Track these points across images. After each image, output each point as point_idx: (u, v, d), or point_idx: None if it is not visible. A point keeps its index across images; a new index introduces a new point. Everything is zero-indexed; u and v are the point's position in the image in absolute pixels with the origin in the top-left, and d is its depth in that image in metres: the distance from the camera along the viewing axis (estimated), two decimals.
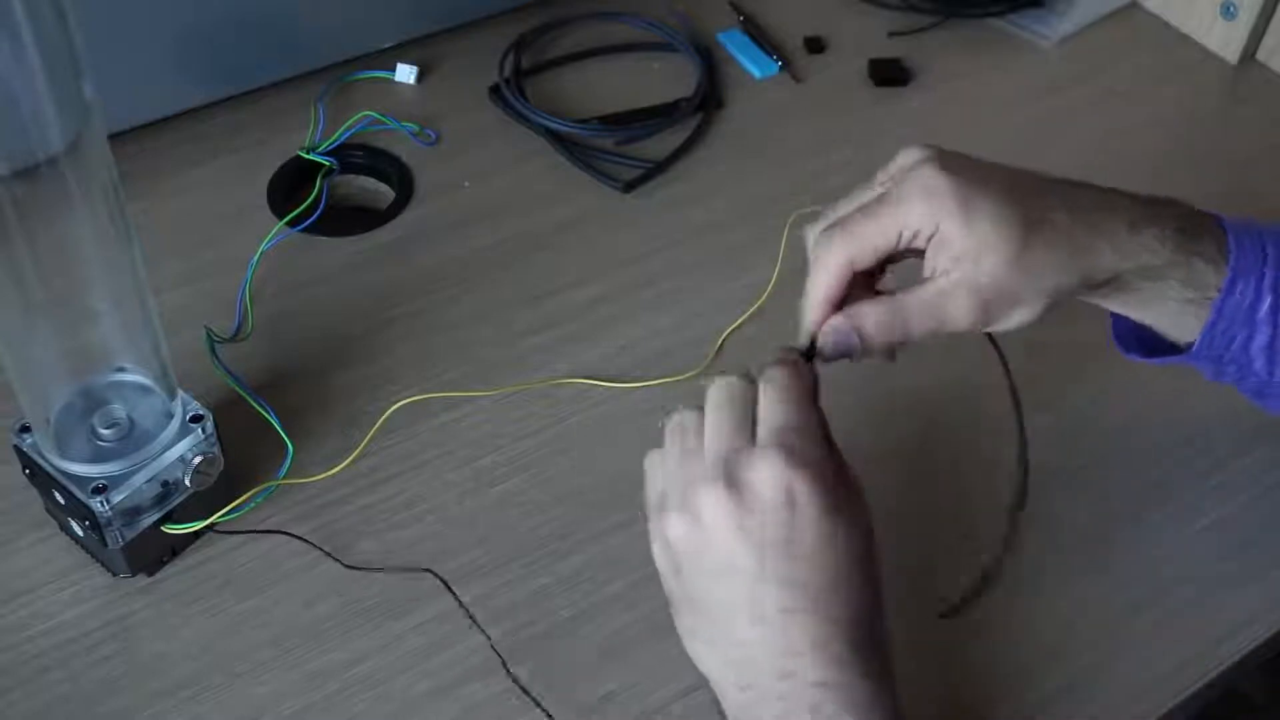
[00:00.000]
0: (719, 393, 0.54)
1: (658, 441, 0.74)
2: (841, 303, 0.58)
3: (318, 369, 0.75)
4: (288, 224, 0.81)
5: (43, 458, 0.62)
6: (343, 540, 0.67)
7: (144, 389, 0.64)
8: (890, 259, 0.59)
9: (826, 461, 0.52)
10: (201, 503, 0.65)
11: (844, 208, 0.59)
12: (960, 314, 0.57)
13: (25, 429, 0.62)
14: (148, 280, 0.60)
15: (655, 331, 0.78)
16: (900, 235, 0.57)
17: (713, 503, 0.51)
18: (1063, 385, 0.75)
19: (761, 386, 0.54)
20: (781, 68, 0.97)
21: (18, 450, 0.63)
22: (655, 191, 0.88)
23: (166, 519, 0.64)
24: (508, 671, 0.63)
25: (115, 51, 0.78)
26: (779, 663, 0.51)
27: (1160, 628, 0.66)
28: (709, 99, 0.93)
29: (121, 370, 0.64)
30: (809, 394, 0.54)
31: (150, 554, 0.65)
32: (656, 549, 0.54)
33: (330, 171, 0.86)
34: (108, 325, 0.61)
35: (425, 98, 0.93)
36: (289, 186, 0.86)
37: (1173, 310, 0.61)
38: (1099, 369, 0.75)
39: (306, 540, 0.66)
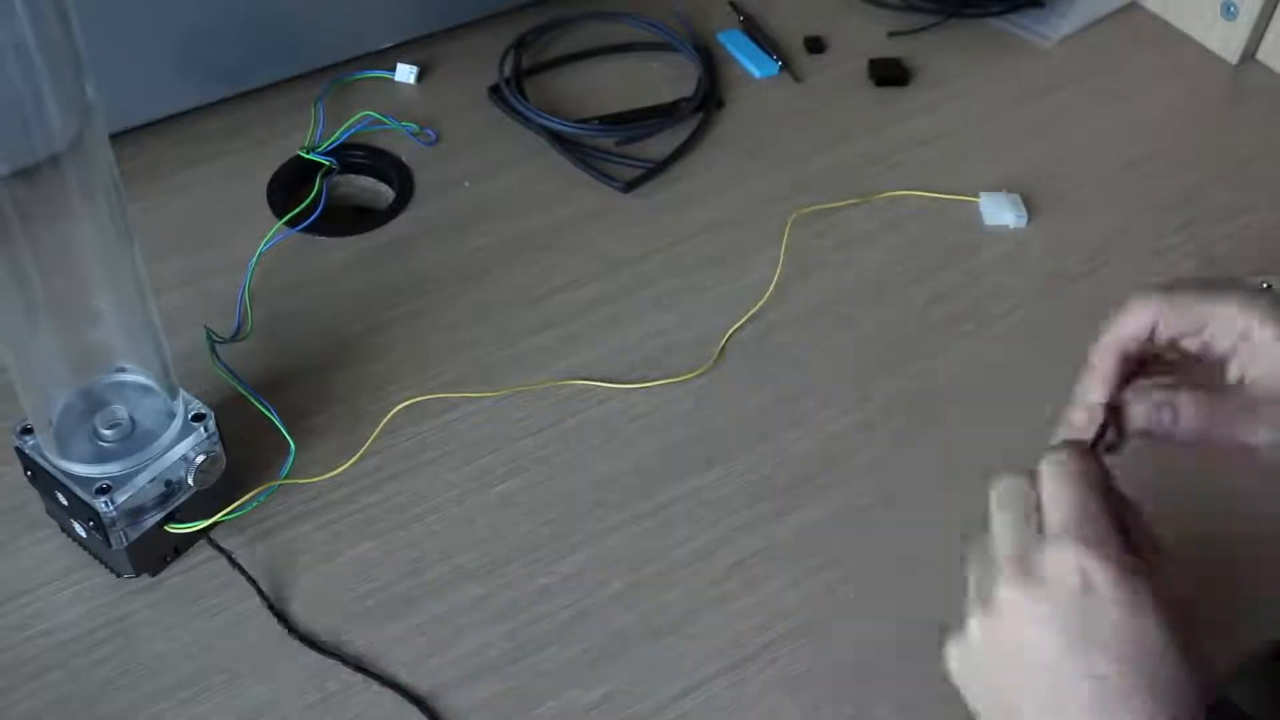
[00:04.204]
0: (999, 494, 0.52)
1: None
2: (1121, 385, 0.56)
3: (318, 369, 0.75)
4: (287, 224, 0.81)
5: (45, 459, 0.62)
6: (342, 542, 0.67)
7: (145, 389, 0.64)
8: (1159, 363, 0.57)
9: (1124, 544, 0.48)
10: (204, 503, 0.65)
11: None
12: (1268, 426, 0.54)
13: (27, 430, 0.62)
14: (148, 280, 0.60)
15: (655, 331, 0.79)
16: (1207, 326, 0.55)
17: (1006, 597, 0.49)
18: (1062, 383, 0.75)
19: (1043, 475, 0.51)
20: (781, 68, 0.97)
21: (19, 452, 0.63)
22: (655, 191, 0.88)
23: (170, 519, 0.64)
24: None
25: (115, 51, 0.78)
26: None
27: None
28: (709, 99, 0.93)
29: (122, 370, 0.64)
30: (1098, 478, 0.51)
31: (153, 554, 0.65)
32: (953, 661, 0.52)
33: (330, 171, 0.86)
34: (108, 325, 0.61)
35: (425, 98, 0.93)
36: (289, 186, 0.86)
37: None
38: None
39: (243, 571, 0.65)
